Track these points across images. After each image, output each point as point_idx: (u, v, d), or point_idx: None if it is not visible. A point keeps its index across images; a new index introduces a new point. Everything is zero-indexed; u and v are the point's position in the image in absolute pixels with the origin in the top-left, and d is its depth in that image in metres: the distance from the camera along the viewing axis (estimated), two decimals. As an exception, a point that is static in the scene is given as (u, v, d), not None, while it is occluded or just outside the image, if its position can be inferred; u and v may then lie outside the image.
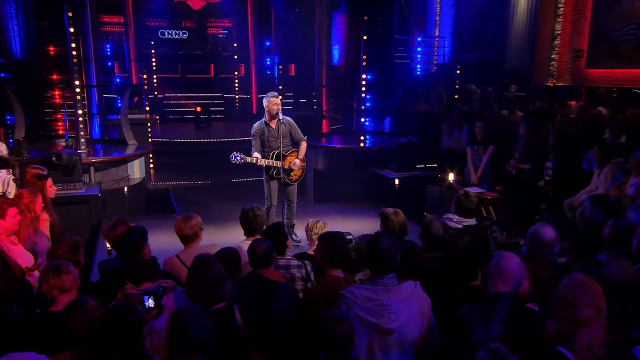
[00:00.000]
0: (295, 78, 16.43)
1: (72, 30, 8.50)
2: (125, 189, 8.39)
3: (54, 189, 5.39)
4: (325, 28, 13.00)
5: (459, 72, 12.27)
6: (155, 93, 15.35)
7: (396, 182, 8.96)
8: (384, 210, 4.45)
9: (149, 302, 3.06)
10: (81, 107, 8.73)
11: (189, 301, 3.13)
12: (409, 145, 9.36)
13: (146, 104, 12.04)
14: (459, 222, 4.74)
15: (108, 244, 4.33)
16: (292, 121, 6.97)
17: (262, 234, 4.18)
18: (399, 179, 8.96)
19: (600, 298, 2.53)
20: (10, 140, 8.55)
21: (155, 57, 15.55)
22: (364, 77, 10.64)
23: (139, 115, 11.07)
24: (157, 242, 6.05)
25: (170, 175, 10.92)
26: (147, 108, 11.86)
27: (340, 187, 9.44)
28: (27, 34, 11.46)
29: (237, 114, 16.68)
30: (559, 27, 11.36)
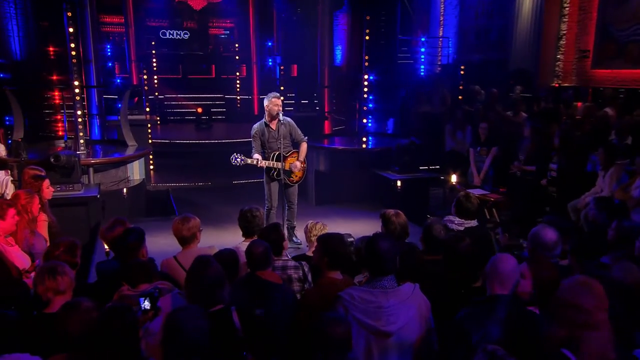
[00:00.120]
0: (297, 79, 16.37)
1: (71, 30, 8.48)
2: (125, 190, 8.35)
3: (51, 190, 5.36)
4: (328, 28, 12.89)
5: (463, 73, 12.25)
6: (156, 94, 15.29)
7: (399, 183, 8.90)
8: (385, 212, 4.41)
9: (145, 303, 3.05)
10: (80, 107, 8.72)
11: (187, 302, 3.09)
12: (411, 146, 9.29)
13: (146, 105, 12.03)
14: (460, 224, 4.70)
15: (106, 245, 4.31)
16: (292, 122, 6.91)
17: (259, 235, 4.15)
18: (402, 180, 8.89)
19: (602, 299, 2.49)
20: (9, 141, 8.52)
21: (156, 57, 15.53)
22: (367, 77, 10.58)
23: (139, 116, 11.07)
24: (157, 244, 6.05)
25: (171, 176, 10.88)
26: (147, 109, 11.84)
27: (342, 189, 9.39)
28: (27, 34, 11.44)
29: (239, 115, 16.59)
30: (564, 27, 11.31)
